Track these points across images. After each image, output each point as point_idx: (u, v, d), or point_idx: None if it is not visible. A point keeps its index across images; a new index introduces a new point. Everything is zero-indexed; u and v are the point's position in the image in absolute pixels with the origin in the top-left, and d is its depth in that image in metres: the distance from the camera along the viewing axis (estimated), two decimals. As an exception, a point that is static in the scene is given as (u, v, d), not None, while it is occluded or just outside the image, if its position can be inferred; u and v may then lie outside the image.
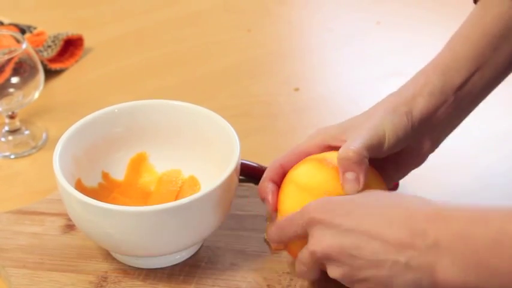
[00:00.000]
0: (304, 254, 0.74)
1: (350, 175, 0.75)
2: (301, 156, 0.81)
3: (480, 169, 1.02)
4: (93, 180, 0.89)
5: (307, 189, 0.77)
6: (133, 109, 0.91)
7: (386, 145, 0.78)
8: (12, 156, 1.05)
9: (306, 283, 0.82)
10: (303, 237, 0.74)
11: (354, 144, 0.76)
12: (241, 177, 0.88)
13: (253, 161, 0.97)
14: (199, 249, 0.87)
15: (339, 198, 0.73)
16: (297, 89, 1.17)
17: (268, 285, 0.82)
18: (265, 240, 0.87)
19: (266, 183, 0.80)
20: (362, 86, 1.18)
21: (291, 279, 0.83)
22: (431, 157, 0.84)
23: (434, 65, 0.82)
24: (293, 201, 0.78)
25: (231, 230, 0.88)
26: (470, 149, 1.06)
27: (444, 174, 0.99)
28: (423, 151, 0.82)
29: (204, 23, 1.35)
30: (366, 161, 0.76)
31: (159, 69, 1.22)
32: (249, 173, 0.97)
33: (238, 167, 0.83)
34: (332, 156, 0.78)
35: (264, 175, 0.81)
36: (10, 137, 1.07)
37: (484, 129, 1.09)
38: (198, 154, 0.91)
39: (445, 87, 0.81)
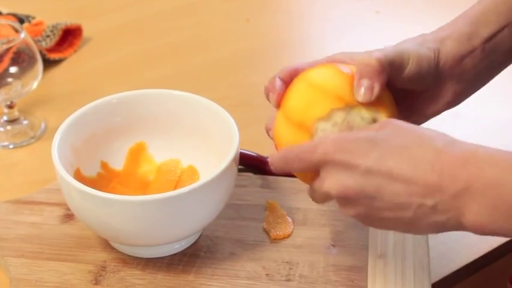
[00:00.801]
0: (316, 192, 0.71)
1: (365, 81, 0.72)
2: None
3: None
4: (92, 170, 0.89)
5: (319, 89, 0.74)
6: (132, 99, 0.91)
7: (407, 70, 0.76)
8: (11, 146, 1.05)
9: (305, 273, 0.82)
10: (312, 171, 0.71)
11: (377, 54, 0.74)
12: (240, 166, 0.88)
13: (252, 150, 0.97)
14: (198, 238, 0.87)
15: (357, 136, 0.68)
16: (296, 79, 1.16)
17: (267, 275, 0.82)
18: (264, 230, 0.87)
19: (274, 80, 0.78)
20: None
21: (290, 269, 0.83)
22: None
23: (463, 16, 0.81)
24: (301, 97, 0.75)
25: (230, 219, 0.88)
26: (469, 139, 1.05)
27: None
28: (443, 99, 0.80)
29: (202, 12, 1.35)
30: (386, 73, 0.73)
31: (158, 59, 1.22)
32: (248, 163, 0.97)
33: (237, 156, 0.83)
34: (352, 67, 0.75)
35: (275, 74, 0.78)
36: (9, 127, 1.07)
37: (484, 118, 1.09)
38: (197, 144, 0.91)
39: (473, 36, 0.79)
